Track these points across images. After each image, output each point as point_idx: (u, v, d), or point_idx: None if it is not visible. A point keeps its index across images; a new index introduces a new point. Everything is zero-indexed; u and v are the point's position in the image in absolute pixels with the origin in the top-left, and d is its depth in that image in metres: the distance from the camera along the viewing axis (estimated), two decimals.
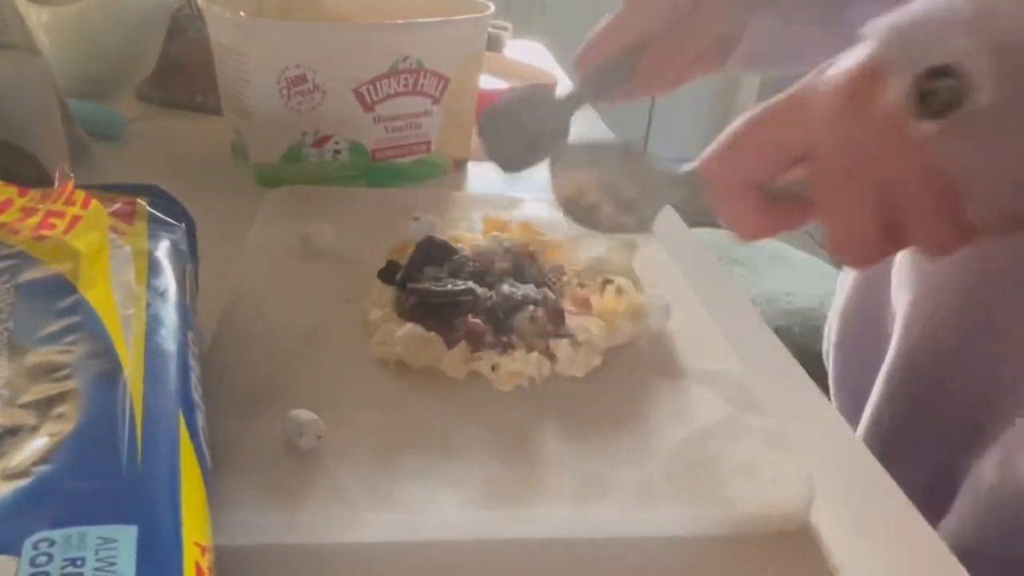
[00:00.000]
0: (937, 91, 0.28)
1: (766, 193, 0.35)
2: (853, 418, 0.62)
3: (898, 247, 0.33)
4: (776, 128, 0.34)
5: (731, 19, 0.53)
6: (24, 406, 0.27)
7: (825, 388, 0.71)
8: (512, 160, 0.54)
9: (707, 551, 0.36)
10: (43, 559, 0.23)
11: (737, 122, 0.35)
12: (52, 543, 0.23)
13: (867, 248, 0.33)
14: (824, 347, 0.74)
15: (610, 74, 0.53)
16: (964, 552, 0.36)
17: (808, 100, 0.33)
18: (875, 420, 0.59)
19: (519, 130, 0.53)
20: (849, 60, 0.32)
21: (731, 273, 1.11)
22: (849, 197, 0.32)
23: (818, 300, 1.05)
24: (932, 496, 0.39)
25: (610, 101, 0.55)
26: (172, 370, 0.31)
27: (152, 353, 0.31)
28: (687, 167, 0.37)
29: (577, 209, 0.41)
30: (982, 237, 0.32)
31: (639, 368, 0.45)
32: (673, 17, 0.51)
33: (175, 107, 0.85)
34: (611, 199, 0.39)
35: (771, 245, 1.15)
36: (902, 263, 0.60)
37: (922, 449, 0.51)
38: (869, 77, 0.31)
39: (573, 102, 0.54)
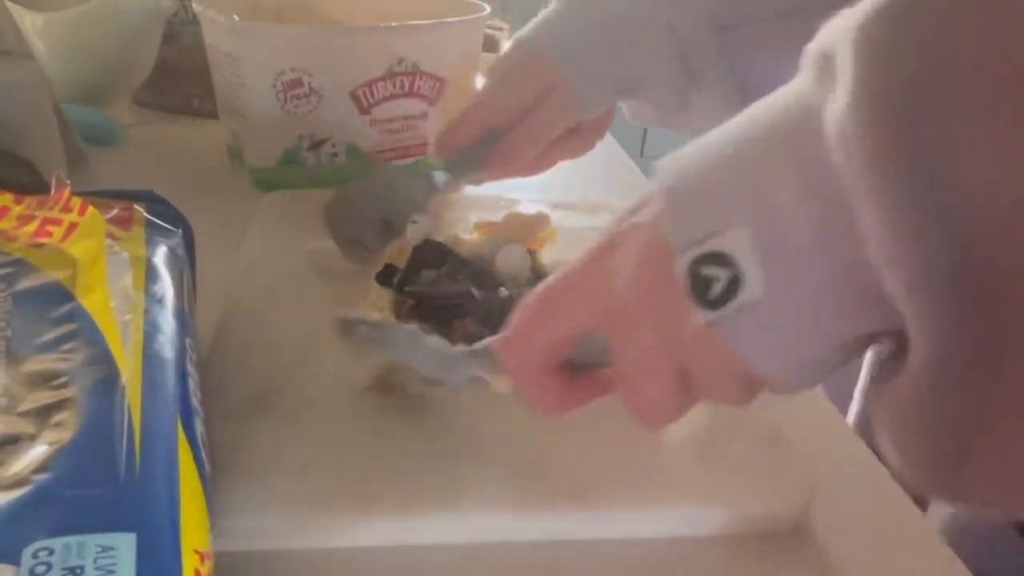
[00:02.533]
0: (712, 280, 0.25)
1: (565, 370, 0.32)
2: None
3: (696, 402, 0.30)
4: (566, 307, 0.30)
5: (584, 110, 0.55)
6: (22, 414, 0.27)
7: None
8: (364, 242, 0.52)
9: (705, 551, 0.35)
10: (42, 568, 0.23)
11: (529, 299, 0.31)
12: (51, 552, 0.23)
13: (670, 412, 0.30)
14: None
15: (468, 159, 0.55)
16: None
17: (596, 271, 0.30)
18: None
19: (374, 211, 0.53)
20: (638, 221, 0.28)
21: None
22: (649, 368, 0.29)
23: None
24: None
25: (471, 183, 0.58)
26: (170, 376, 0.31)
27: (150, 360, 0.31)
28: (483, 344, 0.35)
29: (387, 388, 0.41)
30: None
31: None
32: (523, 107, 0.53)
33: (171, 112, 0.85)
34: (414, 378, 0.39)
35: None
36: None
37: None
38: (655, 249, 0.27)
39: (432, 183, 0.55)
